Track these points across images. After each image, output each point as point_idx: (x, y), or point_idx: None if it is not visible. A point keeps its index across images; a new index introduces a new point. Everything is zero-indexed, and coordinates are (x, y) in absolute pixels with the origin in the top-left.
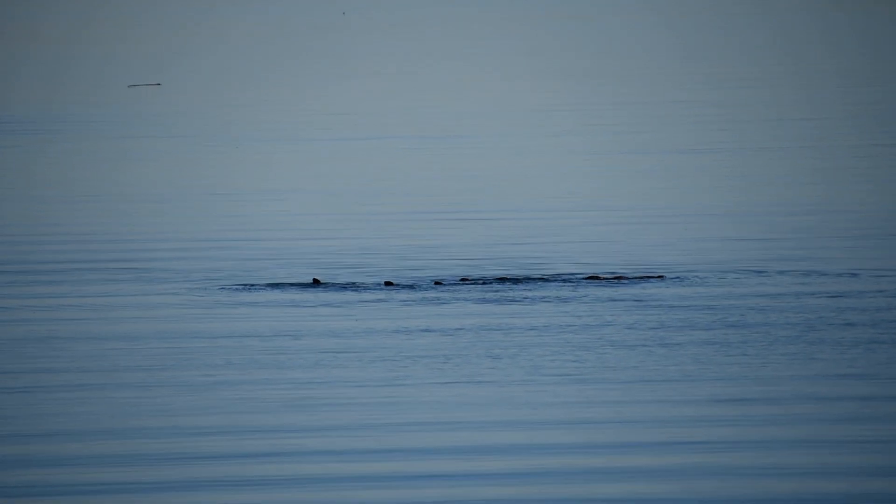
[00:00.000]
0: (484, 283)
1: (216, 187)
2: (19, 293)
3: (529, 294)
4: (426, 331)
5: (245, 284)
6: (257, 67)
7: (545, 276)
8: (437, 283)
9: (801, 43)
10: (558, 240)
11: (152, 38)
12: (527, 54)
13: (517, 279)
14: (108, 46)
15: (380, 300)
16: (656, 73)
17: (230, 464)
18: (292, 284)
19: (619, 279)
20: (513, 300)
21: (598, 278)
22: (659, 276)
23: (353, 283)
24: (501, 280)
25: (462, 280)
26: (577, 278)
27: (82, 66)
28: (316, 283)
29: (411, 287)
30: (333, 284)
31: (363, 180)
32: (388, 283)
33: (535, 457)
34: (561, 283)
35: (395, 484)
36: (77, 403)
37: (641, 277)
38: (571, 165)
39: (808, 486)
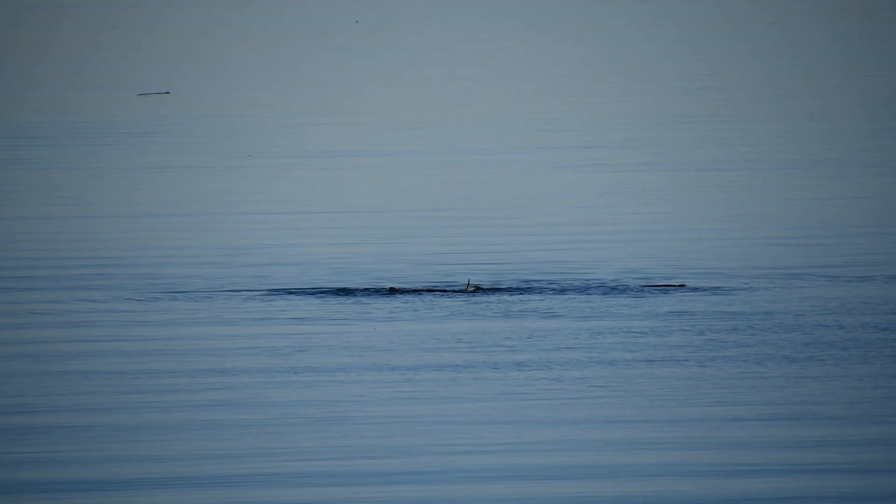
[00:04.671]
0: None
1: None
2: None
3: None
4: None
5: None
6: (267, 75)
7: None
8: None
9: (818, 53)
10: (605, 246)
11: (161, 46)
12: (541, 63)
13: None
14: (118, 54)
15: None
16: (675, 85)
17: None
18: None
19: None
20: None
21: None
22: (680, 285)
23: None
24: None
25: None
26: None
27: (91, 73)
28: (392, 291)
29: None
30: (409, 291)
31: (381, 193)
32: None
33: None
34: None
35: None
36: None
37: (662, 286)
38: (602, 177)
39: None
